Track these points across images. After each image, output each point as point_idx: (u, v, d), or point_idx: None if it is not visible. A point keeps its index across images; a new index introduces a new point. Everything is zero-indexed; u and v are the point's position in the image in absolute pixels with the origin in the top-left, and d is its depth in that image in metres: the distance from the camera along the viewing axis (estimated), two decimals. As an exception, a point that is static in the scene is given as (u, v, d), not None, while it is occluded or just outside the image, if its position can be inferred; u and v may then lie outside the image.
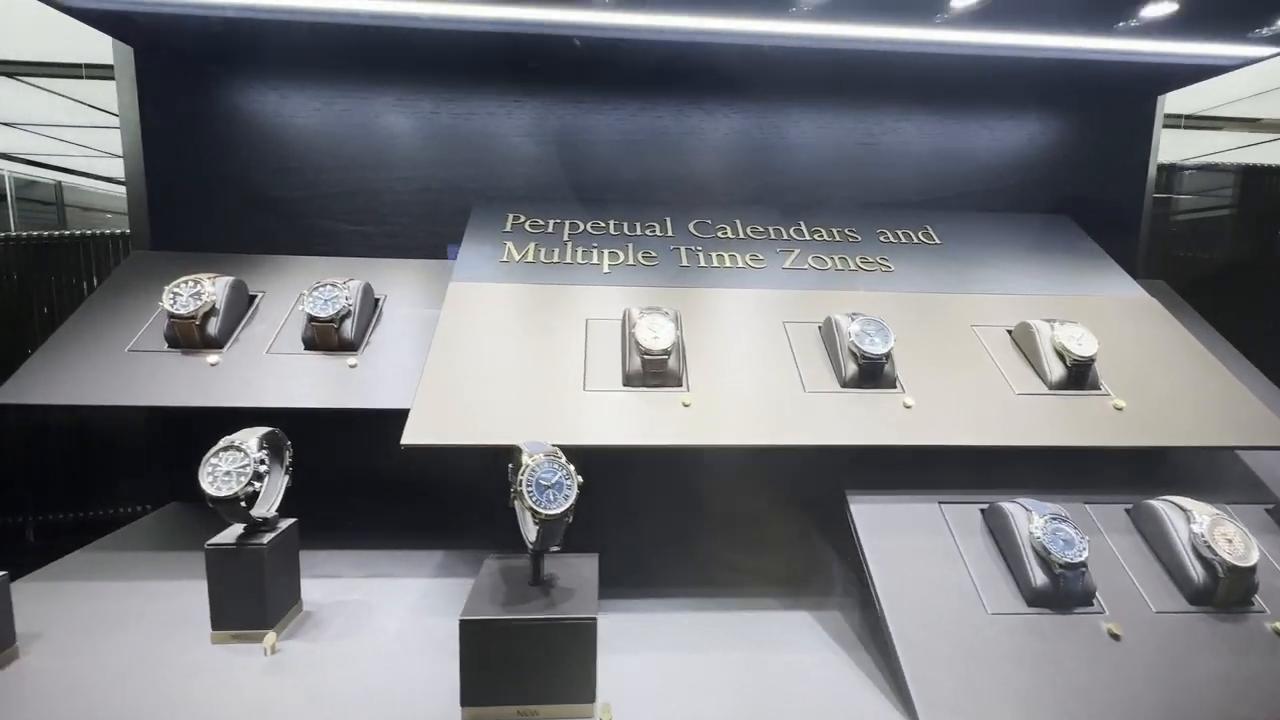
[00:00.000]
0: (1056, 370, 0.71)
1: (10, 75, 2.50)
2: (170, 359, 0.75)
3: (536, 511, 0.51)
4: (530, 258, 0.84)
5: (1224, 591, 0.58)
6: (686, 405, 0.66)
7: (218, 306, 0.77)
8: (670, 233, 0.90)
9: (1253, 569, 0.58)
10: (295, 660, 0.58)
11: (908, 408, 0.68)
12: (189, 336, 0.75)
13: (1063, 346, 0.71)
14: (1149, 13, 0.76)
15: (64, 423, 1.05)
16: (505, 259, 0.84)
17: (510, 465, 0.57)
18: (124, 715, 0.50)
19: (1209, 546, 0.58)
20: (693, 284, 0.82)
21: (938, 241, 0.93)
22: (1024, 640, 0.55)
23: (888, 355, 0.69)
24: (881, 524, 0.64)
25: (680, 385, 0.68)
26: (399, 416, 0.79)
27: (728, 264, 0.86)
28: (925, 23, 0.79)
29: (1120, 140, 1.04)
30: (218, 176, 0.94)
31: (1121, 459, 0.72)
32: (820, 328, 0.76)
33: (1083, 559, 0.57)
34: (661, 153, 0.98)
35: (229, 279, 0.79)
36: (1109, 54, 0.86)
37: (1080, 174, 1.04)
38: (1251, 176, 1.24)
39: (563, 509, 0.51)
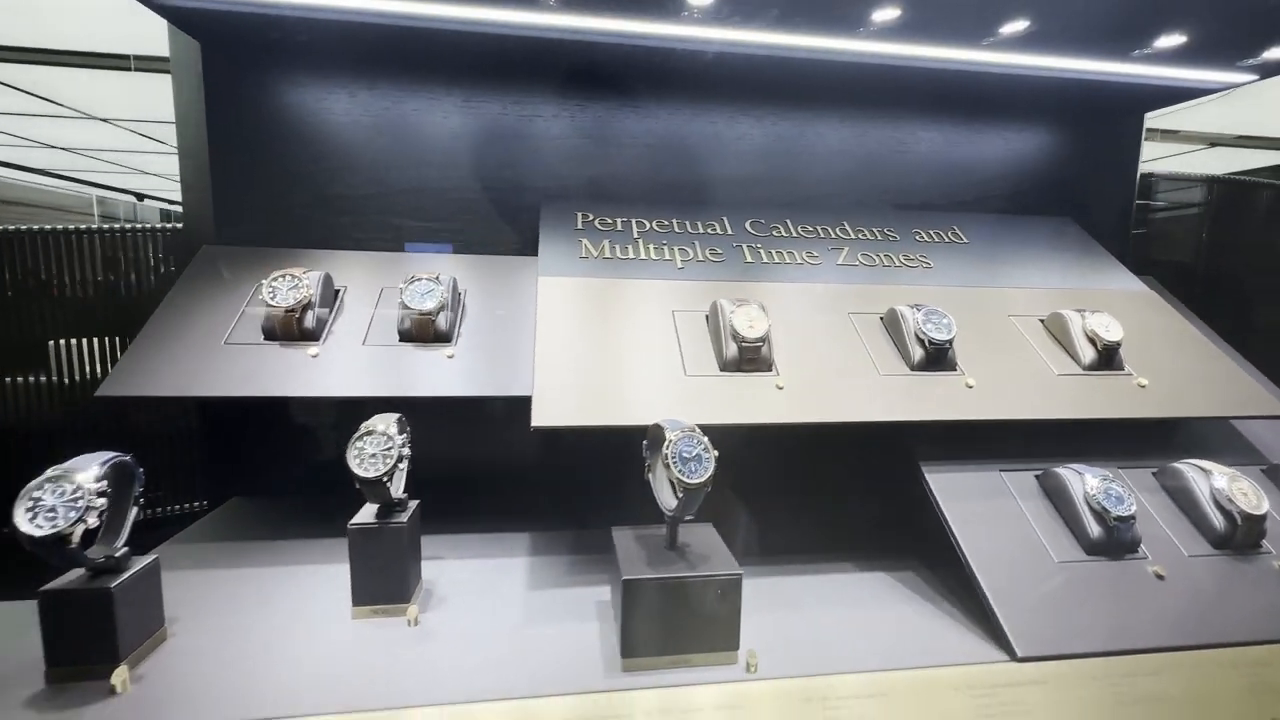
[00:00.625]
0: (1088, 353, 0.81)
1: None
2: (270, 351, 0.76)
3: (681, 481, 0.56)
4: (607, 254, 0.89)
5: (1241, 537, 0.69)
6: (780, 388, 0.73)
7: (313, 300, 0.79)
8: (729, 231, 0.97)
9: (1264, 517, 0.69)
10: (441, 630, 0.62)
11: (970, 387, 0.76)
12: (288, 329, 0.77)
13: (1094, 332, 0.81)
14: (1142, 42, 0.87)
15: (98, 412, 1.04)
16: (584, 255, 0.88)
17: (646, 442, 0.62)
18: (295, 686, 0.53)
19: (1229, 499, 0.69)
20: (759, 278, 0.89)
21: (965, 241, 1.02)
22: (1088, 584, 0.65)
23: (951, 341, 0.77)
24: (955, 491, 0.72)
25: (771, 370, 0.75)
26: (495, 405, 0.83)
27: (787, 260, 0.93)
28: (953, 44, 0.88)
29: (1111, 152, 1.17)
30: (284, 173, 0.95)
31: (1142, 429, 0.83)
32: (883, 318, 0.84)
33: (1132, 512, 0.67)
34: (713, 156, 1.04)
35: (319, 273, 0.81)
36: (1105, 75, 0.97)
37: (1077, 181, 1.16)
38: (1213, 185, 1.40)
39: (704, 479, 0.57)
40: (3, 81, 2.70)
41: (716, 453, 0.58)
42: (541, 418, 0.66)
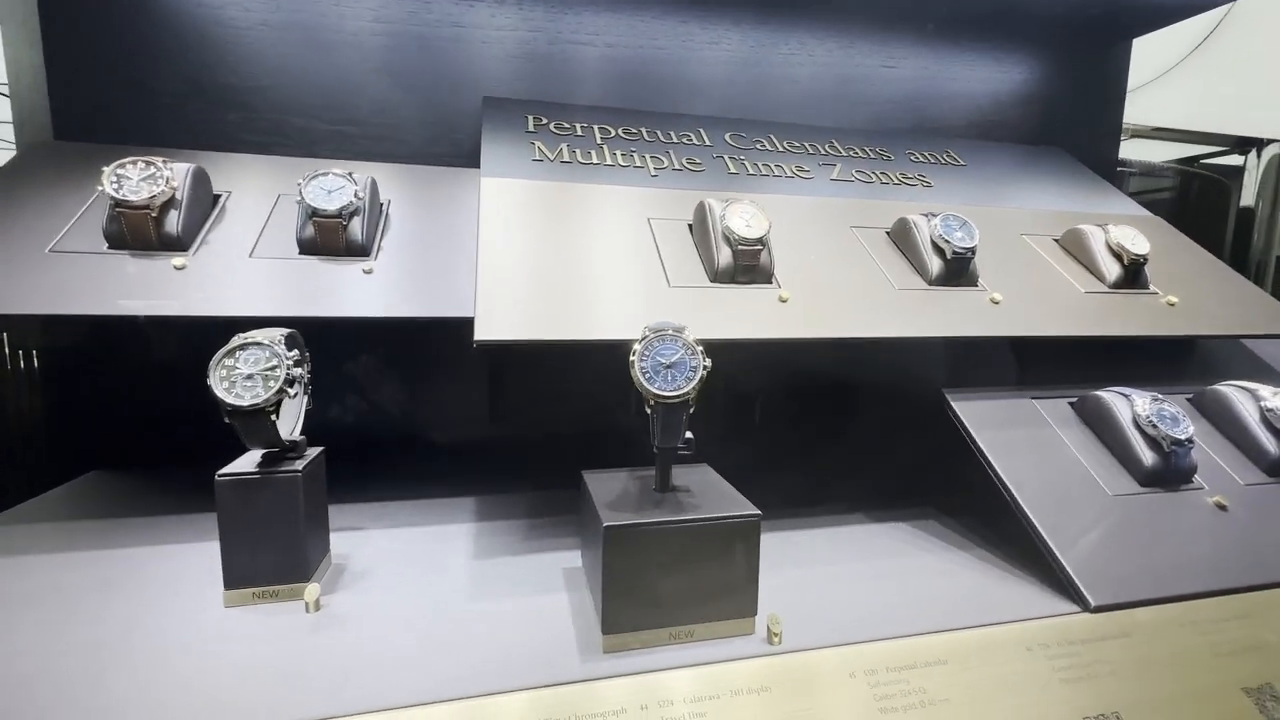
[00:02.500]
0: (1113, 270, 0.72)
1: None
2: (115, 261, 0.57)
3: (650, 393, 0.42)
4: (565, 157, 0.74)
5: (1296, 461, 0.61)
6: (784, 300, 0.60)
7: (179, 196, 0.60)
8: (708, 142, 0.83)
9: (1320, 437, 0.61)
10: (352, 615, 0.46)
11: (995, 303, 0.65)
12: (142, 233, 0.58)
13: (1120, 246, 0.72)
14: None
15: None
16: (538, 158, 0.73)
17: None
18: (124, 706, 0.36)
19: (1283, 419, 0.61)
20: (747, 189, 0.75)
21: (963, 163, 0.93)
22: (1148, 517, 0.55)
23: (974, 250, 0.66)
24: (986, 419, 0.61)
25: (770, 282, 0.62)
26: (436, 342, 0.67)
27: (775, 173, 0.80)
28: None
29: (1097, 82, 1.10)
30: (147, 53, 0.74)
31: (1163, 353, 0.75)
32: (889, 232, 0.73)
33: (1190, 434, 0.57)
34: (685, 61, 0.90)
35: (189, 166, 0.62)
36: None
37: (1065, 111, 1.09)
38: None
39: (681, 391, 0.42)
40: None
41: (709, 361, 0.44)
42: (487, 330, 0.51)
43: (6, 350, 0.77)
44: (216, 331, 0.48)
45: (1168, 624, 0.47)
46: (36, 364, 0.77)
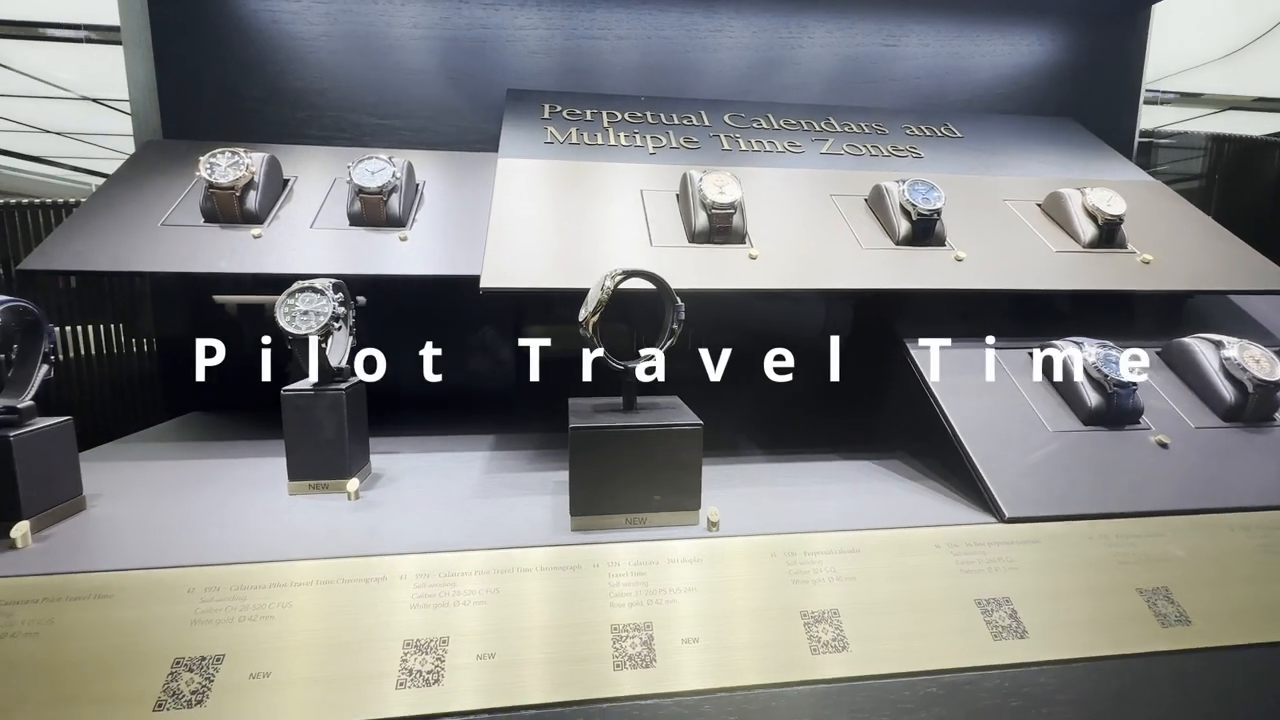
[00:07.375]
0: (1089, 230, 0.76)
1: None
2: (209, 233, 0.72)
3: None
4: (575, 140, 0.84)
5: (1253, 407, 0.63)
6: (754, 258, 0.68)
7: (257, 180, 0.74)
8: (707, 123, 0.91)
9: (1278, 384, 0.63)
10: (383, 502, 0.57)
11: (960, 260, 0.71)
12: (228, 209, 0.72)
13: (1094, 207, 0.75)
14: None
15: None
16: (550, 140, 0.83)
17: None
18: (211, 544, 0.49)
19: (1240, 367, 0.64)
20: (737, 164, 0.83)
21: (960, 135, 0.96)
22: (1084, 450, 0.59)
23: (939, 211, 0.71)
24: (940, 364, 0.67)
25: (744, 242, 0.70)
26: (464, 304, 0.77)
27: (768, 149, 0.87)
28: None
29: (1115, 52, 1.10)
30: (234, 66, 0.90)
31: (1146, 311, 0.78)
32: (867, 199, 0.79)
33: (1133, 378, 0.61)
34: (690, 48, 0.98)
35: (265, 154, 0.76)
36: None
37: (1081, 83, 1.09)
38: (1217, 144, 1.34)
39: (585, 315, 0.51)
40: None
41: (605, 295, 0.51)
42: (492, 279, 0.61)
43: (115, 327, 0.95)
44: (287, 288, 0.61)
45: (1077, 535, 0.52)
46: (153, 323, 0.95)
